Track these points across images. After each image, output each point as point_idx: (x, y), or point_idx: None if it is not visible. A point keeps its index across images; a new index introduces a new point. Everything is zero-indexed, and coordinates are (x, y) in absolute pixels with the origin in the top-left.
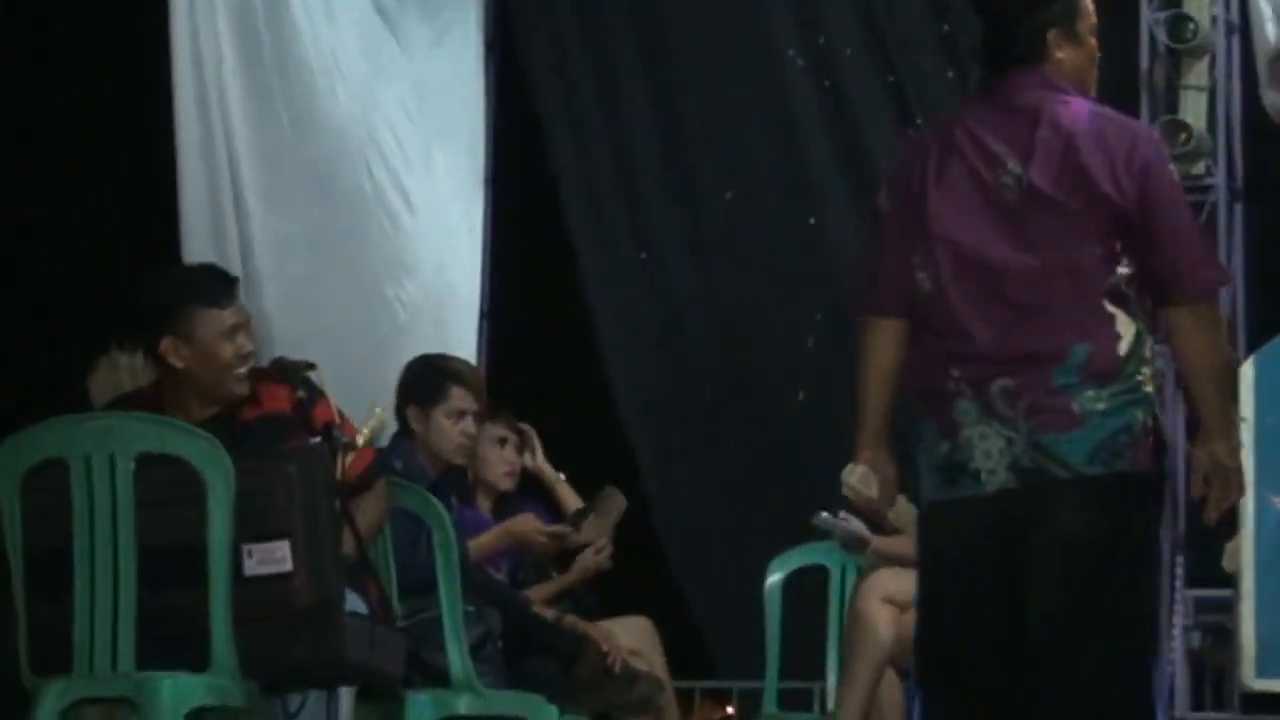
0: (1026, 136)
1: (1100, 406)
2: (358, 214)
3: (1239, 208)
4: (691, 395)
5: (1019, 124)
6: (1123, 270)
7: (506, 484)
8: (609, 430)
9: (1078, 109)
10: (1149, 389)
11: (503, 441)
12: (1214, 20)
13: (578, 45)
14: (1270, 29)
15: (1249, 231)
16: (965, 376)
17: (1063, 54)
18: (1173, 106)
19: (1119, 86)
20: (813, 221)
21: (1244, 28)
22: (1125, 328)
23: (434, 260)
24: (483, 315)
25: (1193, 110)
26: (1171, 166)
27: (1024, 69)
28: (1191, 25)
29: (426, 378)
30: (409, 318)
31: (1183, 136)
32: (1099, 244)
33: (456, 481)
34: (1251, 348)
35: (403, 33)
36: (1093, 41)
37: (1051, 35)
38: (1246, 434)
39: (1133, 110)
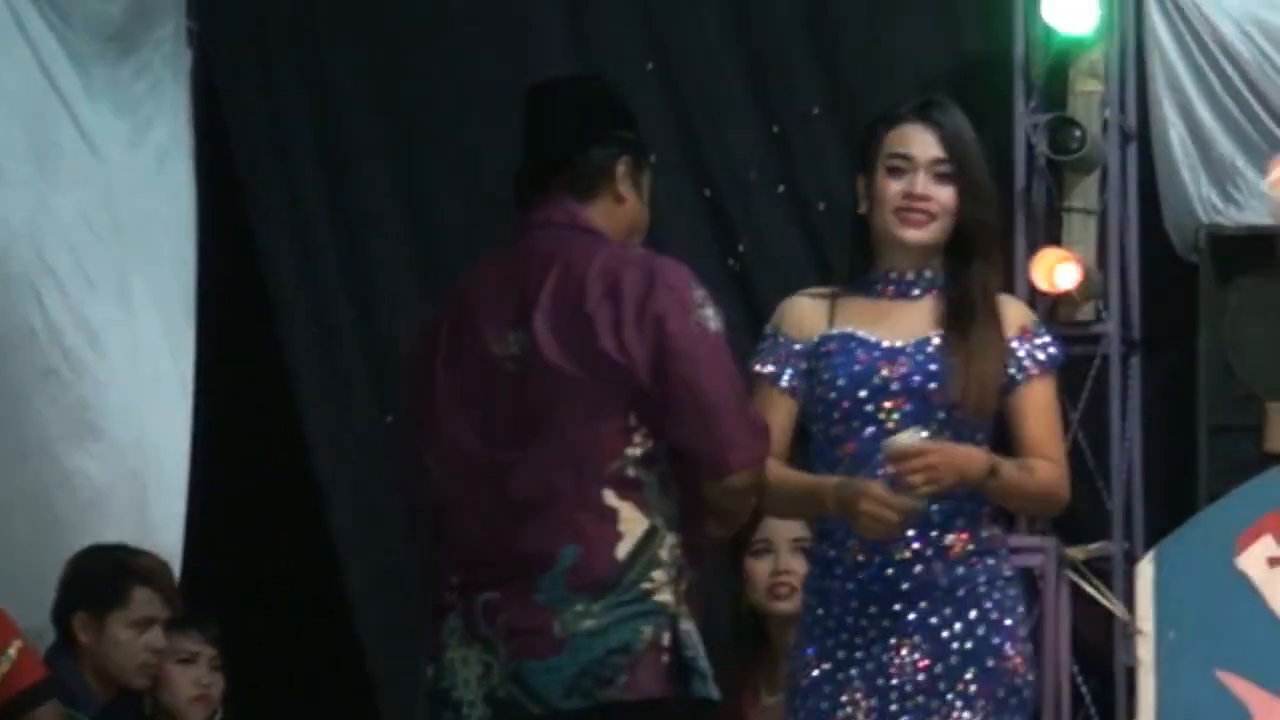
0: (535, 293)
1: (588, 624)
2: (24, 359)
3: (1135, 362)
4: None
5: (533, 278)
6: (634, 450)
7: (197, 715)
8: (344, 643)
9: (599, 251)
10: (665, 597)
11: (193, 659)
12: (1105, 126)
13: (306, 139)
14: (1175, 135)
15: (1147, 391)
16: (460, 586)
17: (626, 193)
18: (1054, 234)
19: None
20: None
21: (1143, 135)
22: (631, 524)
23: (130, 417)
24: (193, 486)
25: (1079, 239)
26: (706, 314)
27: (564, 201)
28: (1078, 133)
29: (101, 575)
30: (94, 493)
31: (1067, 271)
32: (610, 419)
33: (132, 712)
34: (1150, 537)
35: (89, 126)
36: (648, 209)
37: (623, 166)
38: (1145, 649)
39: (1004, 240)
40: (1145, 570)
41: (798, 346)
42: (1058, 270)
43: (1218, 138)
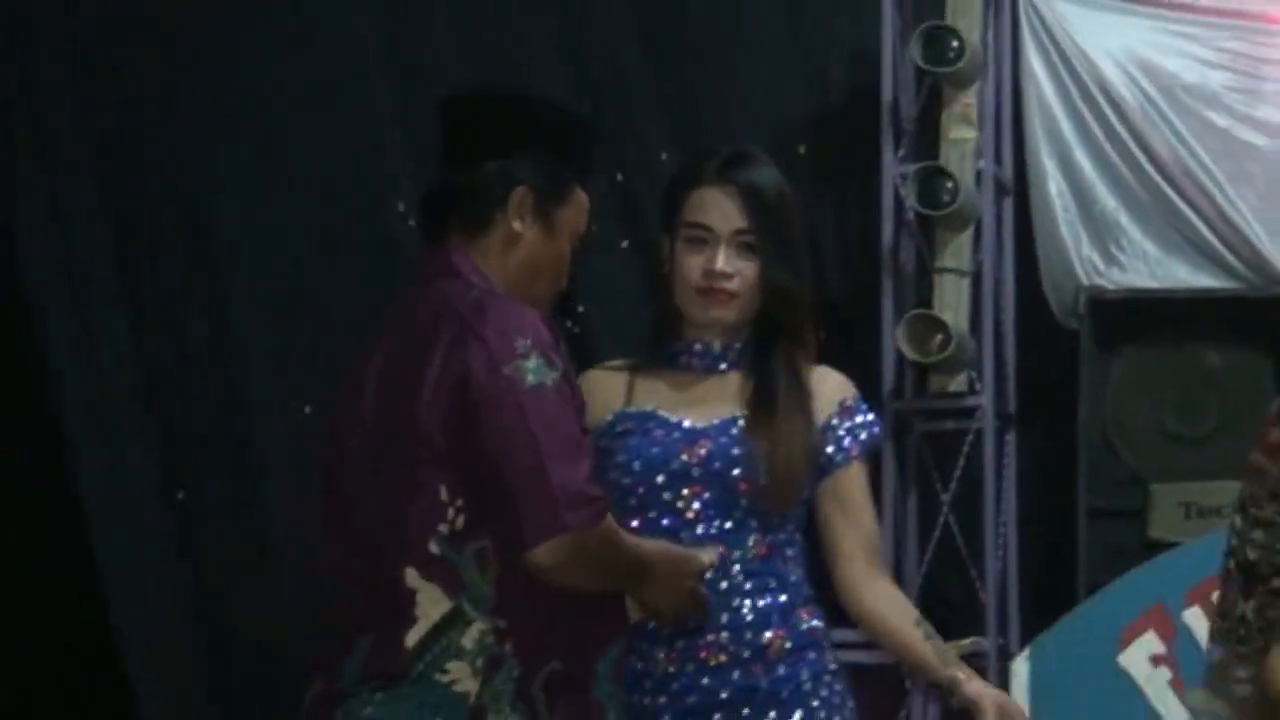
0: (373, 358)
1: (366, 712)
2: None
3: (1011, 438)
4: None
5: (381, 340)
6: (444, 527)
7: None
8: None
9: (440, 298)
10: (464, 687)
11: None
12: (979, 177)
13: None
14: (1054, 188)
15: (1023, 471)
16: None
17: (524, 228)
18: (924, 297)
19: (853, 267)
20: None
21: (1020, 188)
22: (430, 607)
23: None
24: None
25: (951, 302)
26: (524, 366)
27: (448, 240)
28: (949, 185)
29: None
30: None
31: (936, 339)
32: (420, 494)
33: None
34: (1026, 632)
35: None
36: (567, 247)
37: (520, 194)
38: None
39: (869, 302)
40: (1020, 669)
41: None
42: (927, 336)
43: (1099, 191)
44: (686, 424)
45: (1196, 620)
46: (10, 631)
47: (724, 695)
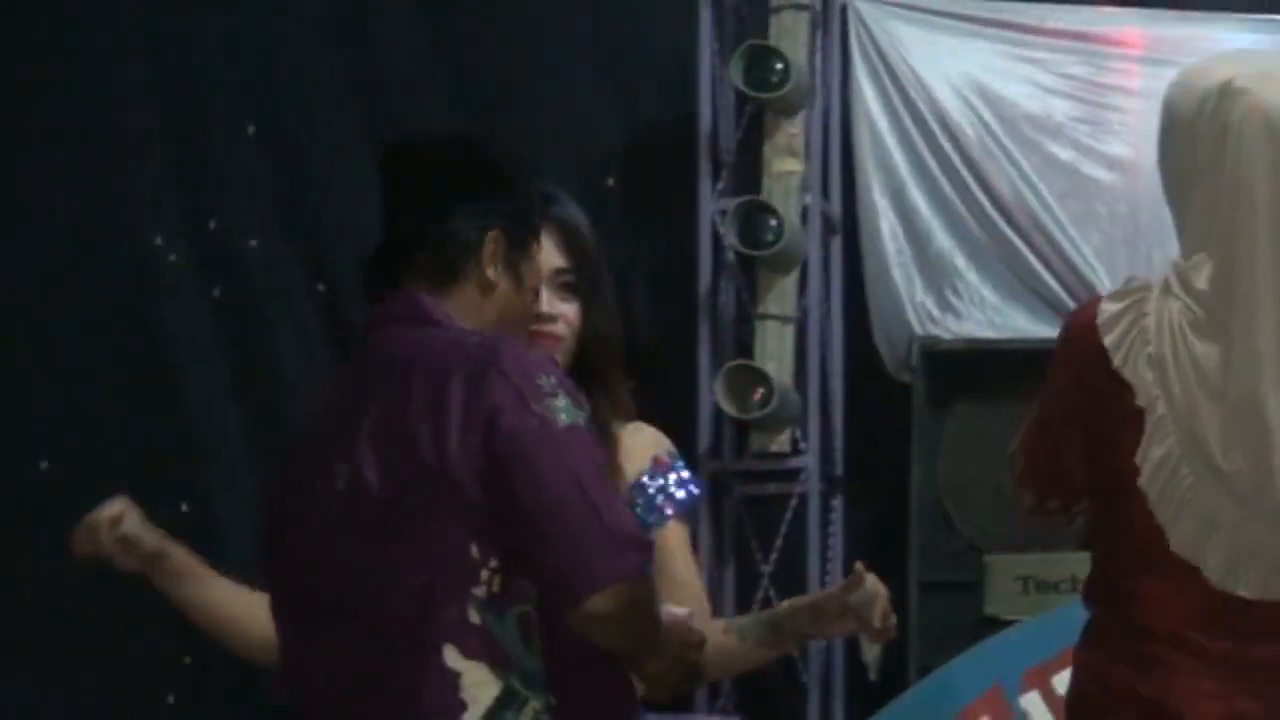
0: (358, 414)
1: None
2: None
3: (838, 503)
4: None
5: (358, 394)
6: (479, 590)
7: None
8: None
9: (433, 345)
10: None
11: None
12: (805, 213)
13: None
14: (886, 227)
15: (851, 538)
16: None
17: (497, 277)
18: (745, 346)
19: (667, 312)
20: None
21: (850, 226)
22: (478, 689)
23: None
24: None
25: (774, 352)
26: (554, 405)
27: (412, 291)
28: (773, 222)
29: None
30: None
31: (758, 393)
32: (448, 556)
33: None
34: (852, 717)
35: None
36: (531, 302)
37: (493, 239)
38: None
39: (683, 352)
40: None
41: None
42: (747, 391)
43: (935, 231)
44: None
45: (1034, 706)
46: None
47: None
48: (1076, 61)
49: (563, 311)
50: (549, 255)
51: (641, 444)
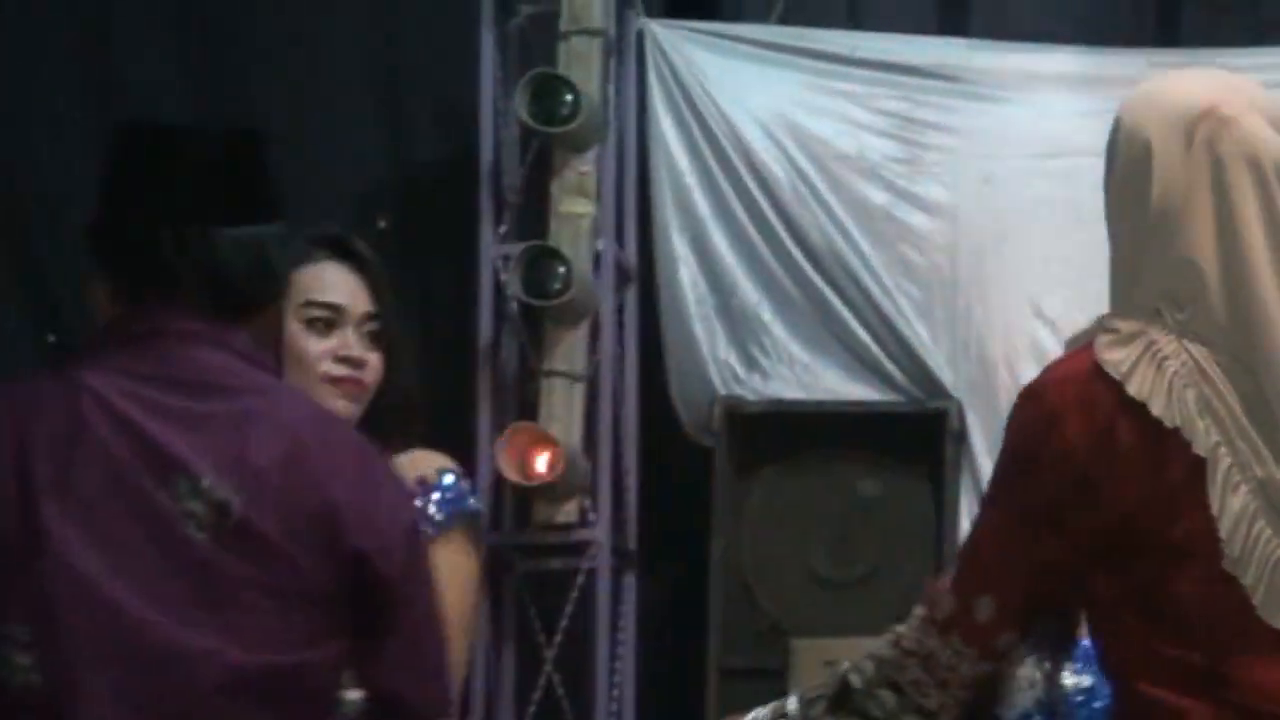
0: (232, 434)
1: None
2: None
3: (630, 580)
4: None
5: (208, 409)
6: (353, 695)
7: None
8: None
9: (292, 401)
10: None
11: None
12: (597, 260)
13: None
14: (686, 276)
15: (645, 616)
16: None
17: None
18: (529, 405)
19: (443, 367)
20: None
21: (647, 276)
22: None
23: None
24: None
25: (561, 413)
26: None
27: (192, 308)
28: (561, 269)
29: None
30: None
31: (543, 459)
32: (319, 644)
33: None
34: None
35: None
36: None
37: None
38: None
39: (460, 411)
40: None
41: None
42: (531, 456)
43: (739, 280)
44: None
45: None
46: None
47: None
48: (891, 95)
49: (370, 358)
50: (359, 298)
51: (415, 467)
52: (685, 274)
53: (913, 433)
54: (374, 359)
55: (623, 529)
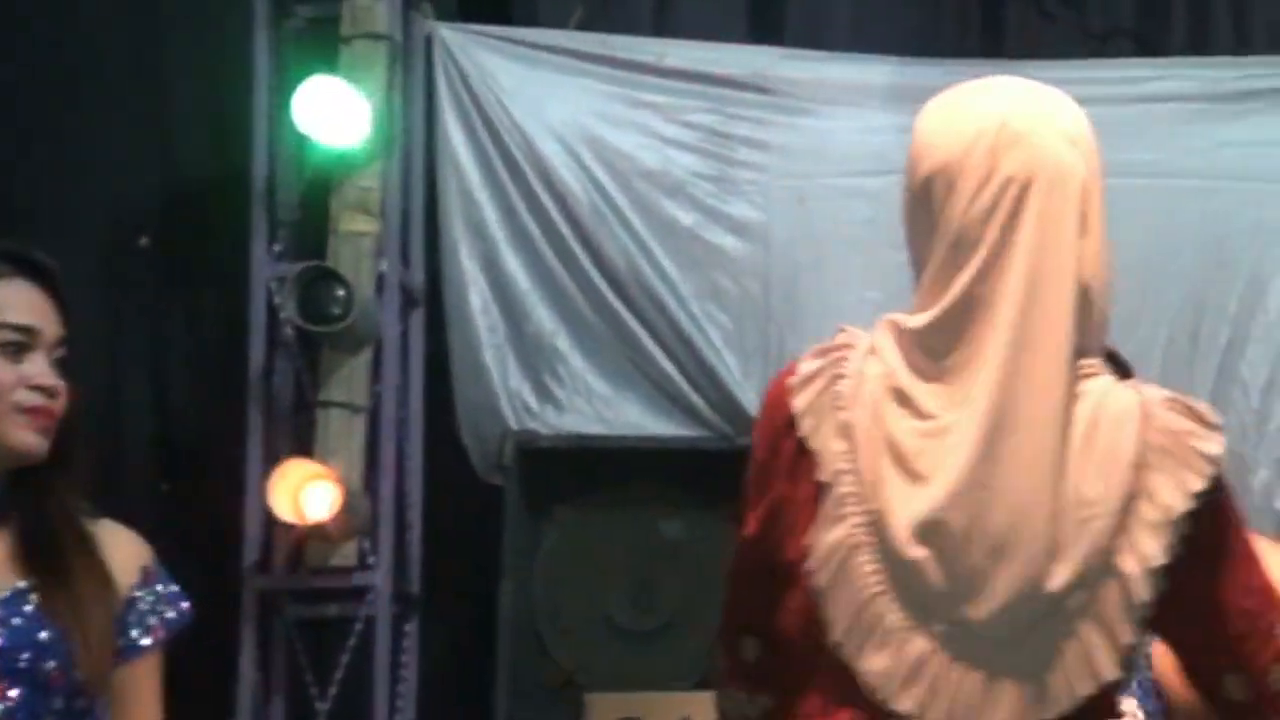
0: None
1: None
2: None
3: (413, 628)
4: None
5: None
6: None
7: None
8: None
9: None
10: None
11: None
12: (381, 283)
13: None
14: (476, 301)
15: (428, 666)
16: None
17: None
18: (304, 439)
19: (209, 396)
20: None
21: (434, 300)
22: None
23: None
24: None
25: (339, 447)
26: None
27: None
28: (340, 292)
29: None
30: None
31: (318, 495)
32: None
33: None
34: None
35: None
36: None
37: None
38: None
39: (229, 444)
40: None
41: None
42: (306, 493)
43: (535, 305)
44: None
45: None
46: None
47: None
48: (700, 107)
49: (60, 388)
50: (52, 321)
51: (126, 549)
52: (475, 298)
53: (719, 471)
54: (64, 390)
55: (405, 573)
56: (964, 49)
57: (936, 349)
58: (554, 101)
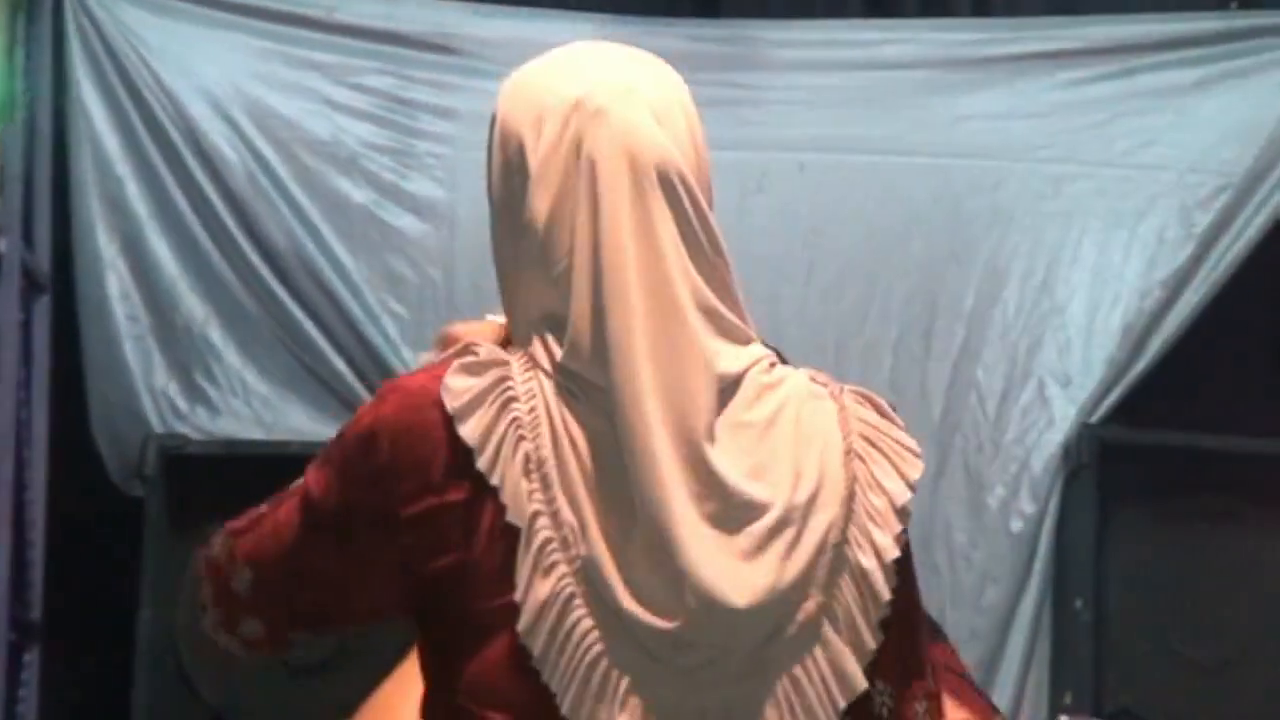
0: None
1: None
2: None
3: (34, 658)
4: None
5: None
6: None
7: None
8: None
9: None
10: None
11: None
12: (1, 265)
13: None
14: (114, 284)
15: (50, 699)
16: None
17: None
18: None
19: None
20: None
21: (64, 285)
22: None
23: None
24: None
25: None
26: None
27: None
28: None
29: None
30: None
31: None
32: None
33: None
34: None
35: None
36: None
37: None
38: None
39: None
40: None
41: None
42: None
43: (183, 293)
44: None
45: None
46: None
47: None
48: (375, 69)
49: None
50: None
51: None
52: (114, 283)
53: None
54: None
55: (24, 595)
56: (677, 7)
57: (591, 358)
58: (207, 61)
